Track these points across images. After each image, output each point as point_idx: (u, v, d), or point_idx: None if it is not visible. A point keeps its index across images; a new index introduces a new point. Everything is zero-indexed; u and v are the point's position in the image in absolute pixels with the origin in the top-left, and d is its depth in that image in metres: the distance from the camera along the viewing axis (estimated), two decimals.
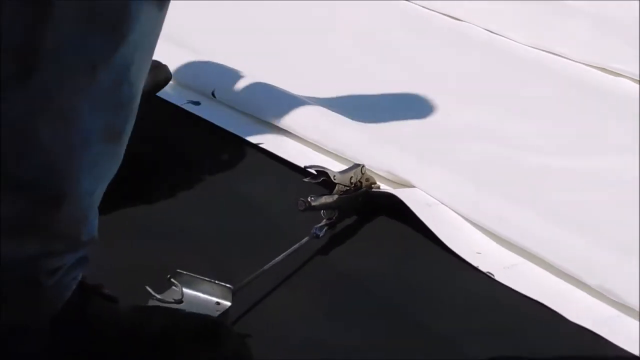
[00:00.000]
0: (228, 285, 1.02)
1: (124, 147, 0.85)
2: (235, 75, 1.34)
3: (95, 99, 0.79)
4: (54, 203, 0.81)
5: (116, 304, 0.93)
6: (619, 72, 1.64)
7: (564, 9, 1.84)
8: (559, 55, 1.72)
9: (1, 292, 0.83)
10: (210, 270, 1.06)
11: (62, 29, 0.76)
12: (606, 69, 1.66)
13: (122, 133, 0.84)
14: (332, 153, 1.37)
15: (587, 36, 1.74)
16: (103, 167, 0.84)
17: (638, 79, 1.60)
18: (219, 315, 1.01)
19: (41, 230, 0.83)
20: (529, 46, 1.76)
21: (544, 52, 1.74)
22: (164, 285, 1.02)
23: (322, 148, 1.38)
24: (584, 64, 1.68)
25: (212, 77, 1.54)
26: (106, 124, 0.81)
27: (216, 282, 1.02)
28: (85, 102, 0.79)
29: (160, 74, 1.31)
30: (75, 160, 0.81)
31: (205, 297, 1.02)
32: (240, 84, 1.30)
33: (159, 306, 0.96)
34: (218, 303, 1.02)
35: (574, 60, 1.70)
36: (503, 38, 1.80)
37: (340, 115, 1.41)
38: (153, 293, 1.00)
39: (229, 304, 1.02)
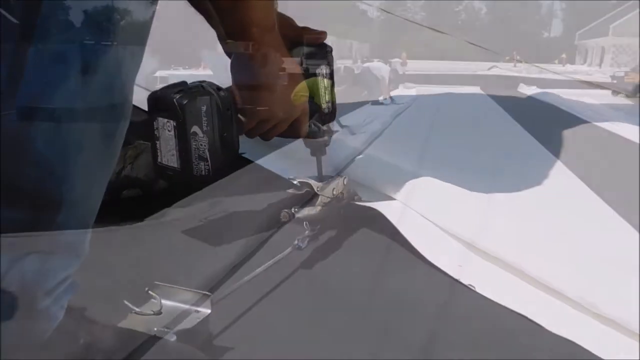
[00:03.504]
0: (206, 293, 1.03)
1: (118, 148, 0.86)
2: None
3: (88, 102, 0.80)
4: (53, 210, 0.81)
5: (101, 330, 0.92)
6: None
7: None
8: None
9: None
10: (191, 282, 1.07)
11: (48, 36, 0.77)
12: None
13: (115, 134, 0.84)
14: (314, 164, 1.37)
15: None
16: (96, 169, 0.84)
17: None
18: (199, 322, 1.01)
19: (41, 243, 0.82)
20: None
21: None
22: (143, 299, 1.03)
23: (306, 159, 1.38)
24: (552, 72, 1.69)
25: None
26: (99, 125, 0.82)
27: (194, 290, 1.03)
28: (78, 105, 0.80)
29: None
30: (70, 163, 0.81)
31: (184, 306, 1.03)
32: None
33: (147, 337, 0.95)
34: (197, 311, 1.03)
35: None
36: None
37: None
38: (132, 307, 1.01)
39: (208, 311, 1.02)
